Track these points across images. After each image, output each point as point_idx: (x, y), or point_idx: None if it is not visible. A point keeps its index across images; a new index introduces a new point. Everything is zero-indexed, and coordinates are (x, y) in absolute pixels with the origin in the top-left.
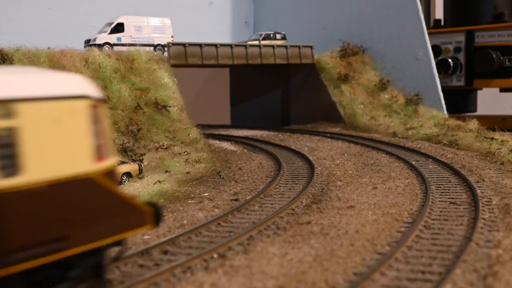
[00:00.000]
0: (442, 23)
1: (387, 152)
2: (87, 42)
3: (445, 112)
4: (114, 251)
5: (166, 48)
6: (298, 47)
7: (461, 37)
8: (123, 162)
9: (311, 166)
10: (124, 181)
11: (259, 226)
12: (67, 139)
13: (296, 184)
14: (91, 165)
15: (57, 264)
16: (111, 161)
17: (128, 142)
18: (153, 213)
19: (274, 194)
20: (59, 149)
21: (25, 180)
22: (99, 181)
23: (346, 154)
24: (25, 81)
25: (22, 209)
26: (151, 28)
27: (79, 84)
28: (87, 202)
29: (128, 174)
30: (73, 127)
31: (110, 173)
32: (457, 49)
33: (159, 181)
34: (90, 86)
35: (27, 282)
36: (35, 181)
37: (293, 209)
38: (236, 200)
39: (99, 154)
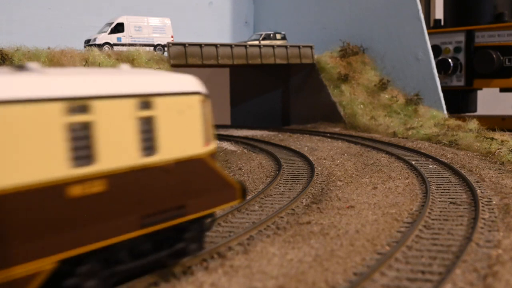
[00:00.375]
0: (442, 23)
1: (387, 152)
2: (87, 42)
3: (445, 112)
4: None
5: (166, 48)
6: (298, 47)
7: (461, 37)
8: None
9: (311, 166)
10: None
11: (259, 226)
12: (187, 127)
13: (296, 184)
14: (202, 148)
15: (174, 228)
16: (213, 145)
17: None
18: (241, 190)
19: (274, 194)
20: (181, 135)
21: (159, 159)
22: (207, 161)
23: (346, 154)
24: (159, 80)
25: (157, 181)
26: (151, 28)
27: (194, 83)
28: (198, 178)
29: None
30: (191, 117)
31: (213, 155)
32: (457, 49)
33: None
34: (200, 85)
35: (154, 241)
36: (166, 159)
37: (293, 209)
38: None
39: (206, 139)
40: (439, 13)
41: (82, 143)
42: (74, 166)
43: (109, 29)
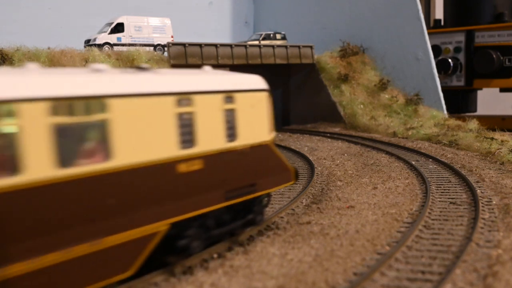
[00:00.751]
0: (442, 23)
1: (387, 152)
2: (87, 42)
3: (445, 112)
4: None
5: (166, 48)
6: (298, 47)
7: (461, 37)
8: None
9: (311, 166)
10: None
11: (259, 226)
12: (258, 118)
13: (296, 184)
14: (268, 136)
15: (245, 202)
16: (273, 134)
17: None
18: (295, 173)
19: (274, 194)
20: (254, 124)
21: (238, 144)
22: (272, 147)
23: (346, 154)
24: (237, 79)
25: (237, 163)
26: (151, 28)
27: (262, 82)
28: (265, 161)
29: None
30: (260, 110)
31: (273, 142)
32: (457, 49)
33: None
34: (265, 83)
35: (232, 212)
36: (243, 145)
37: (293, 209)
38: None
39: (270, 129)
40: (439, 13)
41: (186, 129)
42: (182, 148)
43: (109, 29)
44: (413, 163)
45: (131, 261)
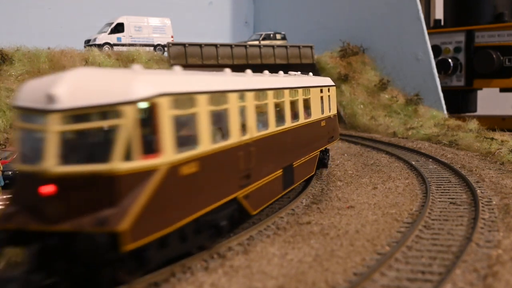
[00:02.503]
0: (442, 23)
1: (387, 152)
2: (87, 42)
3: (445, 112)
4: None
5: (166, 48)
6: (298, 47)
7: (461, 37)
8: None
9: None
10: None
11: (259, 226)
12: (332, 101)
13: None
14: (331, 112)
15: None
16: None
17: None
18: (339, 133)
19: None
20: (332, 104)
21: (330, 114)
22: (336, 118)
23: (346, 154)
24: (314, 79)
25: (329, 122)
26: (151, 28)
27: (329, 80)
28: (334, 124)
29: None
30: (332, 97)
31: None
32: (457, 49)
33: None
34: (330, 80)
35: (325, 150)
36: (330, 114)
37: (293, 209)
38: None
39: (335, 107)
40: (439, 13)
41: (261, 117)
42: (258, 130)
43: (109, 29)
44: (413, 163)
45: (312, 169)
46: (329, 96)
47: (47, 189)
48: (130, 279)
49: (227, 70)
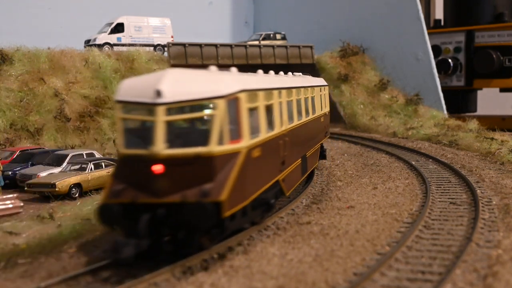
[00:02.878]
0: (442, 23)
1: (387, 152)
2: (87, 42)
3: (445, 112)
4: None
5: (166, 48)
6: (298, 47)
7: (461, 37)
8: None
9: None
10: None
11: (259, 226)
12: (326, 100)
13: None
14: (328, 109)
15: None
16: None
17: None
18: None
19: None
20: (326, 102)
21: (325, 111)
22: (329, 115)
23: (346, 154)
24: (318, 80)
25: (325, 119)
26: (151, 28)
27: (322, 80)
28: (322, 124)
29: None
30: (325, 96)
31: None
32: (457, 49)
33: None
34: (323, 80)
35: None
36: (326, 111)
37: (293, 209)
38: None
39: (324, 106)
40: (439, 13)
41: (289, 112)
42: (288, 123)
43: (109, 29)
44: (413, 163)
45: (316, 159)
46: (324, 94)
47: (157, 168)
48: (210, 244)
49: (233, 69)
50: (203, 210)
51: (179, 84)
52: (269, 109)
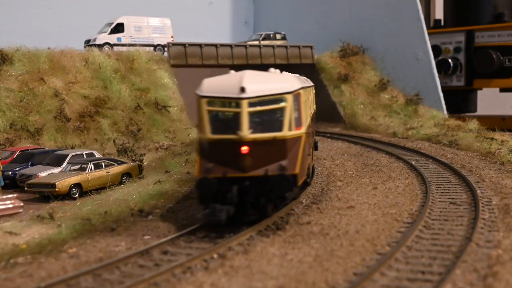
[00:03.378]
0: (442, 23)
1: (387, 152)
2: (87, 42)
3: (445, 112)
4: None
5: (166, 48)
6: (298, 47)
7: (461, 37)
8: (122, 163)
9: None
10: (124, 181)
11: (259, 226)
12: (313, 100)
13: None
14: (314, 108)
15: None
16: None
17: (128, 142)
18: None
19: None
20: (313, 102)
21: (313, 113)
22: (315, 114)
23: (346, 154)
24: (308, 80)
25: (314, 117)
26: (151, 28)
27: (309, 80)
28: (314, 120)
29: (128, 174)
30: (313, 96)
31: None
32: (457, 49)
33: (159, 181)
34: (310, 80)
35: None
36: (315, 109)
37: (293, 209)
38: None
39: (313, 105)
40: (439, 13)
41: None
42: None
43: (109, 29)
44: (413, 163)
45: (312, 150)
46: (313, 94)
47: (245, 149)
48: (273, 212)
49: (272, 69)
50: (286, 180)
51: (257, 83)
52: (306, 103)
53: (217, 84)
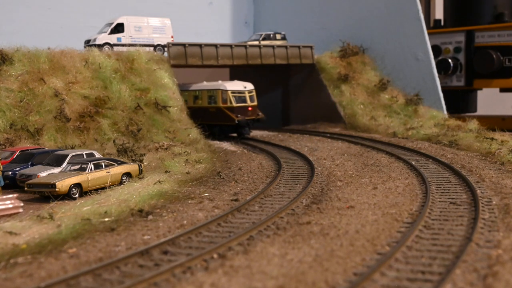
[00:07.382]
0: (442, 23)
1: (387, 152)
2: (87, 43)
3: (445, 112)
4: None
5: (166, 48)
6: (298, 47)
7: (461, 37)
8: (122, 163)
9: (311, 166)
10: (124, 181)
11: (259, 226)
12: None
13: (296, 184)
14: (255, 103)
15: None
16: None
17: (128, 143)
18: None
19: (274, 194)
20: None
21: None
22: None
23: (346, 154)
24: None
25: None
26: (151, 28)
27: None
28: (255, 107)
29: (128, 175)
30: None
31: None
32: (457, 49)
33: (159, 182)
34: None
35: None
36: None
37: (293, 209)
38: (236, 200)
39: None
40: (439, 13)
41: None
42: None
43: (109, 29)
44: (413, 163)
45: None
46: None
47: (248, 108)
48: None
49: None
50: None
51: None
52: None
53: (235, 85)
